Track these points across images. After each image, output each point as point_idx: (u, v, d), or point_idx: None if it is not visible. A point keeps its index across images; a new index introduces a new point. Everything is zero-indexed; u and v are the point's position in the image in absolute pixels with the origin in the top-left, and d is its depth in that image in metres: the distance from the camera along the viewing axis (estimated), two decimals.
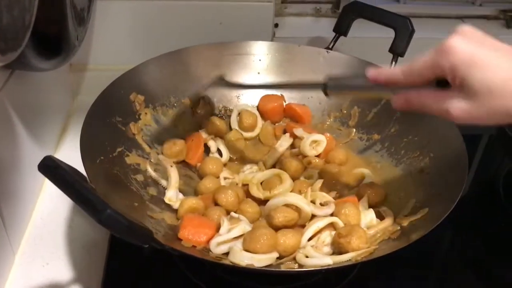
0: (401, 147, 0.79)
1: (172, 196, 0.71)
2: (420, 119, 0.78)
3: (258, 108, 0.88)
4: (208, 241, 0.63)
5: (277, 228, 0.64)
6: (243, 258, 0.59)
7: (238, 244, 0.62)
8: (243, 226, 0.63)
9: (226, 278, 0.68)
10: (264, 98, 0.88)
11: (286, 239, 0.62)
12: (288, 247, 0.62)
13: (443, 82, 0.49)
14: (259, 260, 0.59)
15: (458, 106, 0.47)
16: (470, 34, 0.47)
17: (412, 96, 0.52)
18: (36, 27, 0.56)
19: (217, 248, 0.62)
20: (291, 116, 0.88)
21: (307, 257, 0.62)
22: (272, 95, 0.89)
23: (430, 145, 0.75)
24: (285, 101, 0.89)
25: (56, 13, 0.63)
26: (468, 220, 0.82)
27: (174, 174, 0.74)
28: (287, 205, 0.67)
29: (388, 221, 0.67)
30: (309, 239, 0.65)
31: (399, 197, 0.72)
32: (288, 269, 0.60)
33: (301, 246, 0.64)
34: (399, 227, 0.65)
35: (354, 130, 0.86)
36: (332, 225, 0.66)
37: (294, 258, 0.63)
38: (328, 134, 0.84)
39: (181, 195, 0.73)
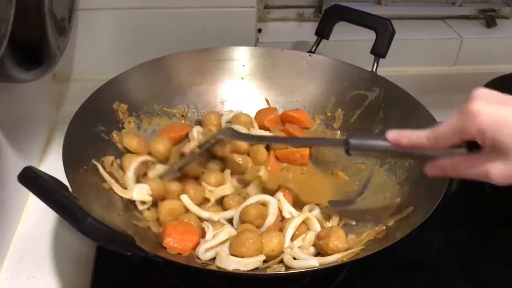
0: None
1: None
2: (402, 120, 0.78)
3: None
4: (193, 248, 0.62)
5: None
6: (229, 263, 0.59)
7: (225, 249, 0.62)
8: (229, 230, 0.63)
9: (214, 285, 0.67)
10: (260, 113, 0.88)
11: (271, 238, 0.62)
12: (274, 247, 0.62)
13: (472, 143, 0.50)
14: (246, 264, 0.59)
15: (496, 168, 0.48)
16: (488, 95, 0.48)
17: (446, 164, 0.53)
18: (15, 38, 0.56)
19: (205, 254, 0.61)
20: (290, 122, 0.87)
21: (294, 258, 0.62)
22: (267, 108, 0.89)
23: None
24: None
25: (34, 22, 0.63)
26: (455, 218, 0.82)
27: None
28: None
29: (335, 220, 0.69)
30: (293, 239, 0.65)
31: (384, 196, 0.73)
32: (275, 273, 0.60)
33: (286, 246, 0.64)
34: (384, 227, 0.65)
35: (339, 132, 0.86)
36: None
37: (281, 261, 0.63)
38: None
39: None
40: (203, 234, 0.65)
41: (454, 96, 1.06)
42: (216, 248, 0.62)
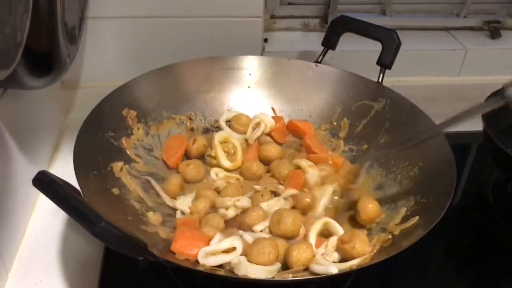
0: (391, 157, 0.80)
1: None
2: (408, 130, 0.79)
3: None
4: None
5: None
6: (249, 270, 0.59)
7: (241, 257, 0.62)
8: (231, 240, 0.63)
9: None
10: None
11: (300, 252, 0.62)
12: (304, 261, 0.61)
13: None
14: (265, 272, 0.59)
15: None
16: None
17: None
18: (27, 45, 0.57)
19: (204, 258, 0.61)
20: (294, 132, 0.88)
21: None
22: (273, 117, 0.89)
23: (419, 155, 0.75)
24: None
25: (47, 31, 0.64)
26: (459, 227, 0.83)
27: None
28: None
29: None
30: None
31: (389, 206, 0.73)
32: (281, 279, 0.61)
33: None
34: (390, 236, 0.65)
35: (342, 142, 0.86)
36: None
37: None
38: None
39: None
40: None
41: (458, 106, 1.08)
42: (218, 255, 0.62)
